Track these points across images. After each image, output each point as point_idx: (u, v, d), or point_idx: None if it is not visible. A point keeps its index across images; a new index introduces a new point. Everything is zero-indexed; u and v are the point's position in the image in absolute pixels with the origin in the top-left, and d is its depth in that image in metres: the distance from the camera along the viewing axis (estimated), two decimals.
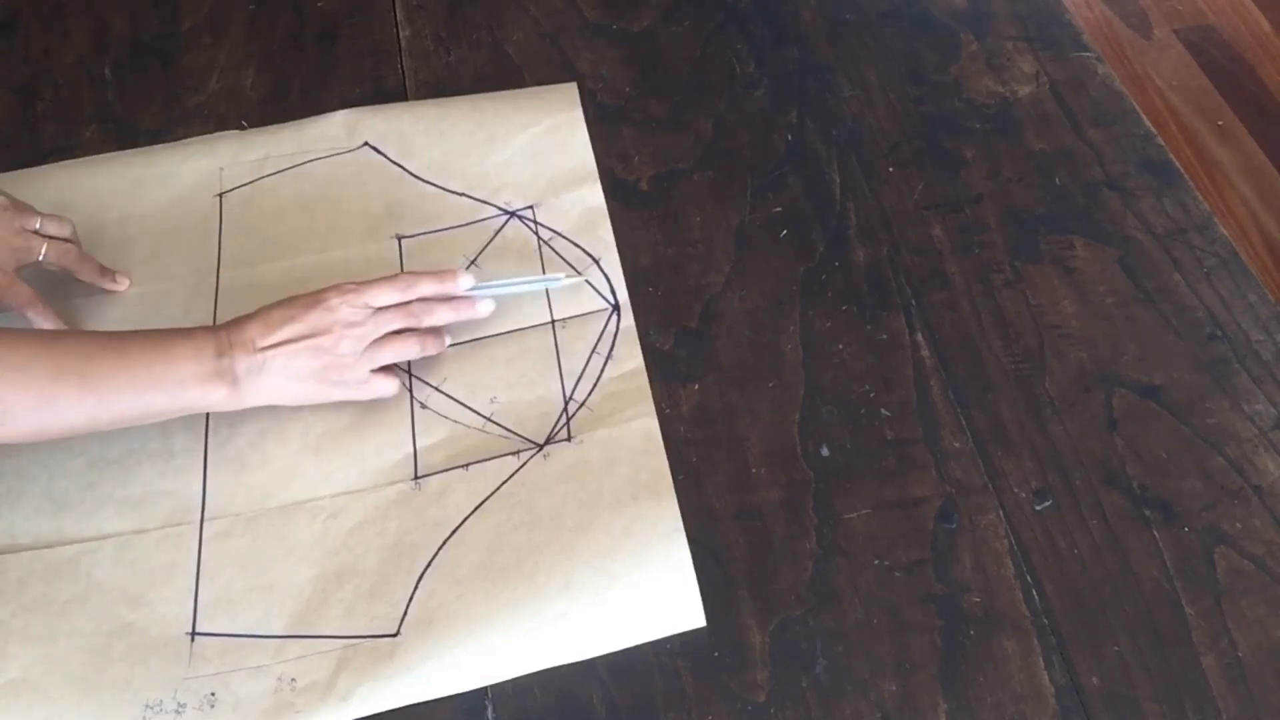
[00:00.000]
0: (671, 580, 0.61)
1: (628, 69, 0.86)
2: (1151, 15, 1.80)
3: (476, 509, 0.63)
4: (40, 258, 0.69)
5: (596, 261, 0.74)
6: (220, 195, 0.78)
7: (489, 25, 0.89)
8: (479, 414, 0.67)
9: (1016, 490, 0.64)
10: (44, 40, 0.89)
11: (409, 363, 0.69)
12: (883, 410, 0.67)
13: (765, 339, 0.71)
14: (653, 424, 0.66)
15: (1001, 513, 0.63)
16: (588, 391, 0.68)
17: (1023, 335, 0.70)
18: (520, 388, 0.68)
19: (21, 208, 0.70)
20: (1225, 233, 0.75)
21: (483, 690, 0.58)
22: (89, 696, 0.57)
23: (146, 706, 0.57)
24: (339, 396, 0.65)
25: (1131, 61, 1.74)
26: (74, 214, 0.74)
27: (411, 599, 0.60)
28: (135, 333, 0.62)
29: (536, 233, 0.75)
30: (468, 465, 0.65)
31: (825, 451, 0.66)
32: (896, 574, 0.61)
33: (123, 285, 0.73)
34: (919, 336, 0.70)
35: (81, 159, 0.80)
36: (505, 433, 0.66)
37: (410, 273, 0.67)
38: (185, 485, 0.65)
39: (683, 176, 0.79)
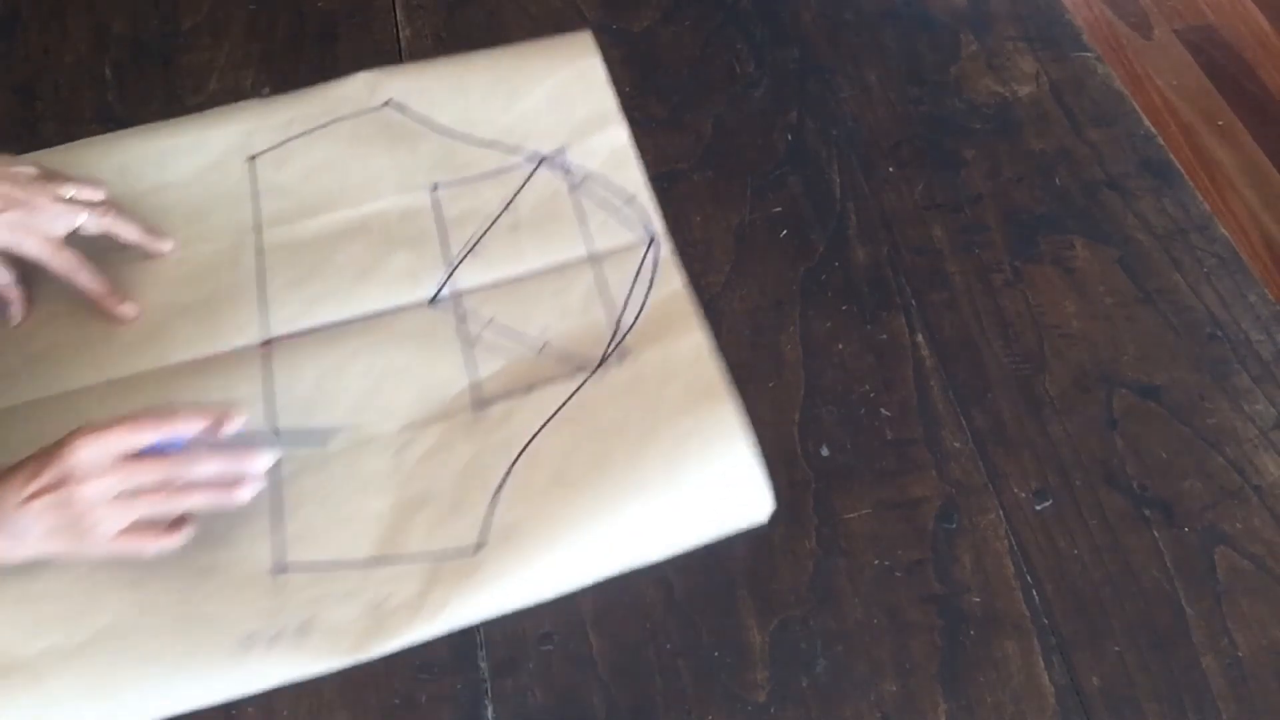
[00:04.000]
0: (739, 476, 0.63)
1: (628, 69, 0.86)
2: (1151, 15, 1.80)
3: (541, 429, 0.65)
4: (82, 222, 0.68)
5: (631, 198, 0.76)
6: (251, 159, 0.79)
7: (489, 25, 0.89)
8: (532, 344, 0.69)
9: (1016, 490, 0.64)
10: (44, 40, 0.89)
11: (459, 300, 0.70)
12: (883, 410, 0.67)
13: (765, 339, 0.71)
14: (702, 339, 0.68)
15: (1001, 513, 0.63)
16: (635, 315, 0.70)
17: (1023, 335, 0.70)
18: (569, 317, 0.70)
19: (54, 176, 0.69)
20: (1225, 233, 0.75)
21: (482, 690, 0.58)
22: (184, 634, 0.59)
23: (243, 638, 0.58)
24: (106, 552, 0.58)
25: (1131, 61, 1.74)
26: (107, 185, 0.74)
27: (490, 516, 0.62)
28: None
29: (568, 176, 0.77)
30: (527, 391, 0.67)
31: (825, 451, 0.66)
32: (896, 574, 0.62)
33: (168, 246, 0.72)
34: (919, 336, 0.70)
35: (104, 135, 0.81)
36: (559, 359, 0.68)
37: (167, 407, 0.60)
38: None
39: (683, 176, 0.79)
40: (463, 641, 0.60)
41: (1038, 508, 0.64)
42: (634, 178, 0.77)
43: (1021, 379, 0.69)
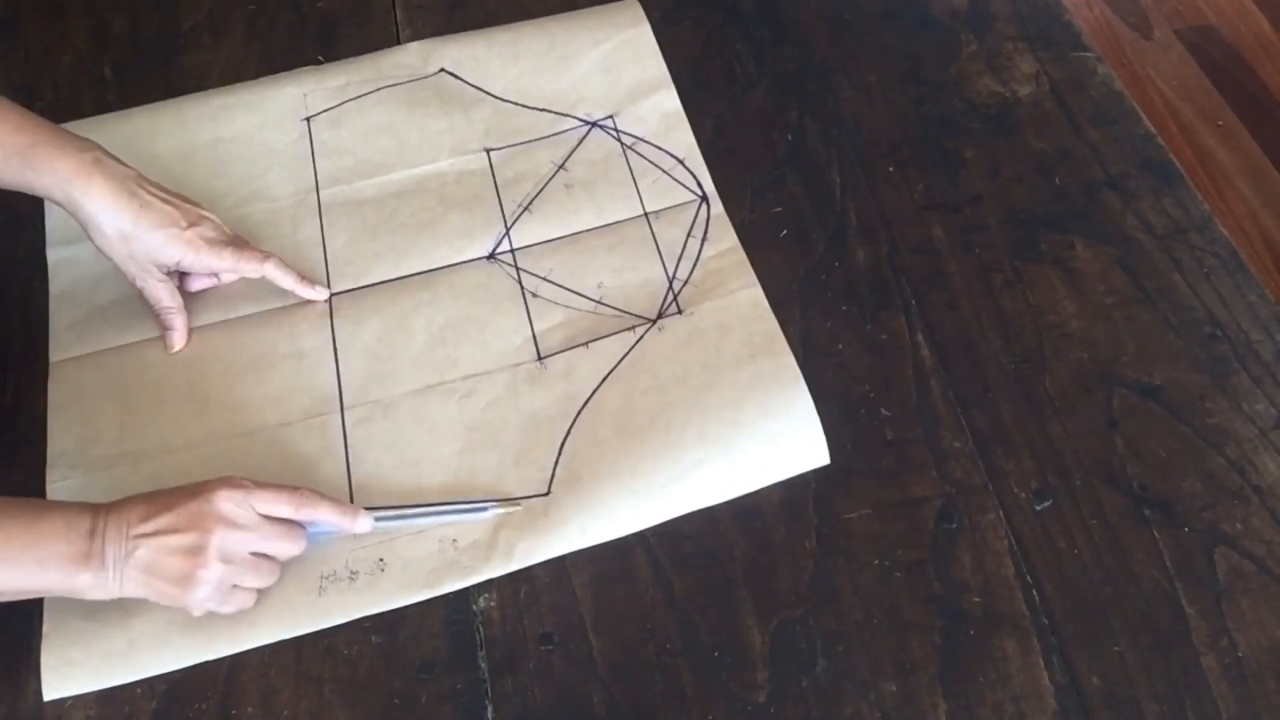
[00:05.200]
0: (797, 425, 0.65)
1: None
2: (1151, 15, 1.80)
3: (604, 380, 0.68)
4: (247, 270, 0.70)
5: (681, 161, 0.78)
6: (307, 119, 0.81)
7: (489, 25, 0.89)
8: (589, 298, 0.71)
9: (1016, 490, 0.64)
10: (44, 40, 0.89)
11: (517, 255, 0.73)
12: (883, 410, 0.67)
13: None
14: (758, 292, 0.71)
15: (1001, 513, 0.63)
16: (689, 270, 0.72)
17: (1023, 335, 0.70)
18: (624, 272, 0.72)
19: (220, 249, 0.69)
20: (1225, 233, 0.75)
21: (482, 690, 0.58)
22: None
23: (321, 576, 0.61)
24: (197, 607, 0.58)
25: (1131, 61, 1.73)
26: (163, 140, 0.78)
27: (557, 461, 0.65)
28: (13, 501, 0.56)
29: (619, 140, 0.79)
30: (588, 343, 0.69)
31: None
32: (896, 574, 0.61)
33: (322, 295, 0.72)
34: (919, 336, 0.70)
35: (161, 101, 0.82)
36: (617, 312, 0.71)
37: (312, 491, 0.61)
38: (321, 380, 0.69)
39: None
40: (463, 641, 0.60)
41: (1038, 508, 0.64)
42: (684, 140, 0.79)
43: (1021, 379, 0.68)
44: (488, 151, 0.79)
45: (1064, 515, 0.63)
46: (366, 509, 0.62)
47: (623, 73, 0.83)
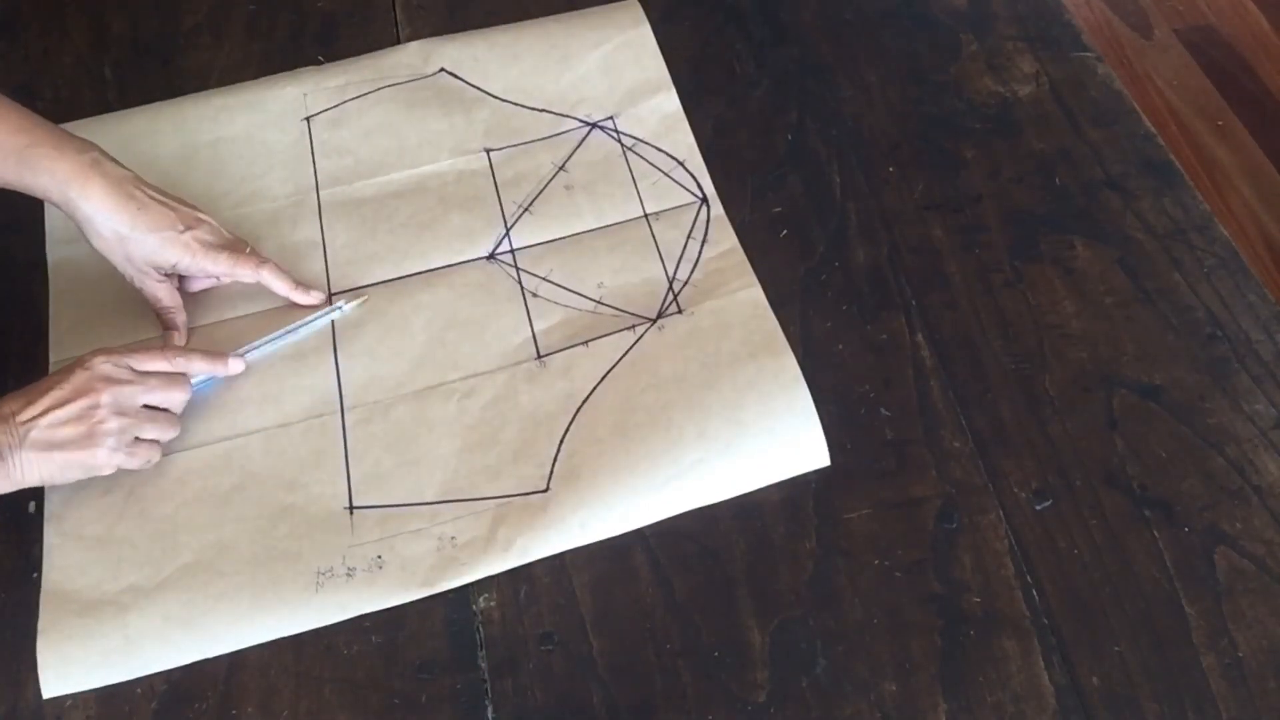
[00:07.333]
0: (798, 425, 0.65)
1: None
2: (1151, 15, 1.80)
3: (603, 378, 0.68)
4: (242, 275, 0.70)
5: (681, 163, 0.78)
6: (307, 119, 0.81)
7: (489, 25, 0.89)
8: (589, 298, 0.72)
9: (1016, 490, 0.64)
10: (44, 40, 0.89)
11: (517, 255, 0.73)
12: (883, 410, 0.67)
13: None
14: (758, 293, 0.71)
15: (1001, 513, 0.63)
16: (689, 270, 0.73)
17: (1023, 335, 0.70)
18: (625, 273, 0.73)
19: (213, 250, 0.69)
20: (1225, 233, 0.75)
21: (482, 690, 0.58)
22: (262, 570, 0.62)
23: (319, 573, 0.61)
24: (107, 464, 0.61)
25: (1131, 61, 1.73)
26: (163, 141, 0.78)
27: (556, 458, 0.65)
28: None
29: (619, 141, 0.79)
30: (587, 342, 0.69)
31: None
32: (896, 574, 0.61)
33: (316, 299, 0.72)
34: (919, 336, 0.70)
35: (161, 101, 0.82)
36: (617, 312, 0.71)
37: (182, 349, 0.66)
38: (320, 380, 0.69)
39: None
40: (463, 641, 0.60)
41: (1038, 508, 0.64)
42: (684, 142, 0.79)
43: (1021, 379, 0.68)
44: (488, 152, 0.79)
45: (1064, 515, 0.63)
46: (236, 356, 0.67)
47: (623, 74, 0.83)
